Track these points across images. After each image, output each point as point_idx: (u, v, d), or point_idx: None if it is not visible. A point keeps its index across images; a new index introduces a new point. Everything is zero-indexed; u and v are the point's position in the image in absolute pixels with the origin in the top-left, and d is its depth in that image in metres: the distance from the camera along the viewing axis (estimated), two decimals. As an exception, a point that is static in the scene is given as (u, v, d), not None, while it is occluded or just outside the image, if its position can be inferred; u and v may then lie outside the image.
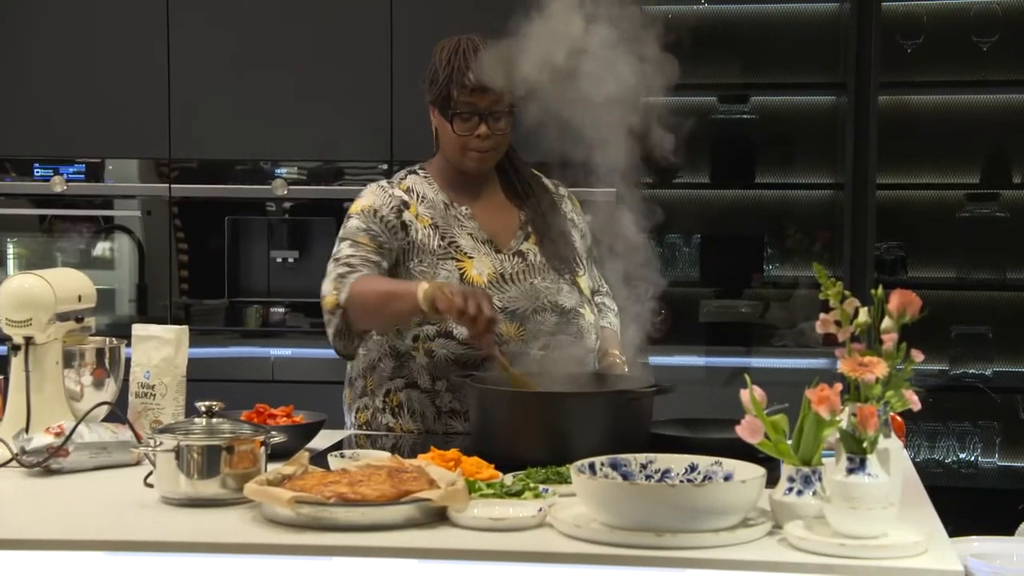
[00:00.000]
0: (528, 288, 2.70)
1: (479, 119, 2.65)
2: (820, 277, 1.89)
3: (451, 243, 2.70)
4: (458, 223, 2.73)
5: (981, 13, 4.64)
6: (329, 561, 1.84)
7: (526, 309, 2.67)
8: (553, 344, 2.65)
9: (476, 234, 2.73)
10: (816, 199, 4.86)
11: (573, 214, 2.89)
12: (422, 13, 4.46)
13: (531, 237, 2.77)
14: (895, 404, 1.85)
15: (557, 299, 2.71)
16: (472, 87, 2.62)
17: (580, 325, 2.72)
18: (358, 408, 2.78)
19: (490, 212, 2.77)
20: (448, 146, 2.72)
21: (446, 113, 2.67)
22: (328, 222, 4.60)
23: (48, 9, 4.62)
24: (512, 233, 2.77)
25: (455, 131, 2.67)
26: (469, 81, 2.62)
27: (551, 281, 2.73)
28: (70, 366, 2.48)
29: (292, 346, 4.62)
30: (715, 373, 4.73)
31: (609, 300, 2.91)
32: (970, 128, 4.76)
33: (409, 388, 2.70)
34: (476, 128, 2.66)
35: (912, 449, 4.58)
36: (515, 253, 2.74)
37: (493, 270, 2.69)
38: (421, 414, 2.69)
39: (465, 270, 2.67)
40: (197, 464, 2.04)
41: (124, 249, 4.72)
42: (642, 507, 1.78)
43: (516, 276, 2.71)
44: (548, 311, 2.69)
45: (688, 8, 4.79)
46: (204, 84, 4.56)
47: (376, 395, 2.74)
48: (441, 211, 2.73)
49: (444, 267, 2.67)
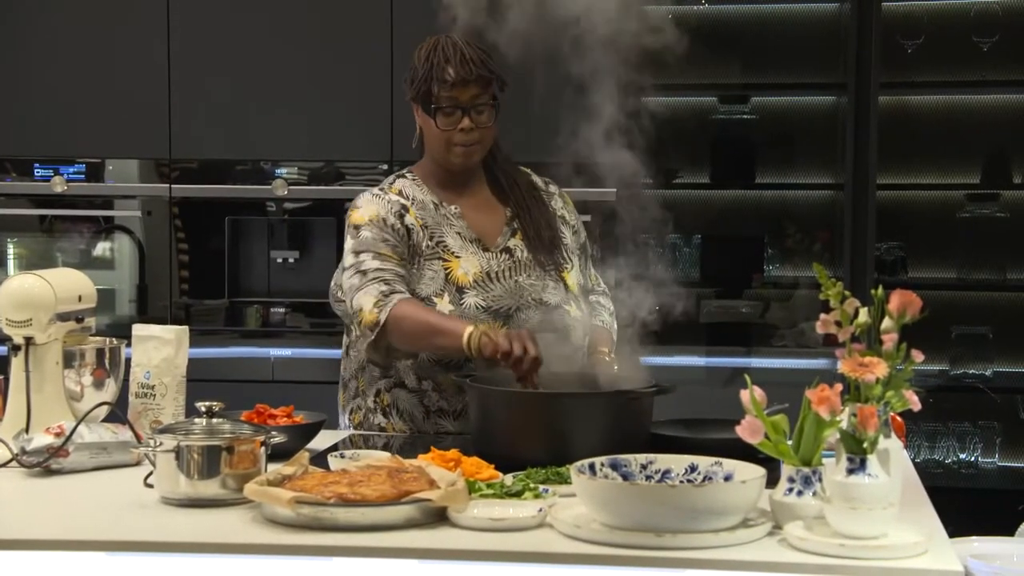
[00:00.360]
0: (512, 286, 2.70)
1: (461, 113, 2.66)
2: (820, 277, 1.89)
3: (439, 243, 2.70)
4: (447, 222, 2.73)
5: (981, 13, 4.64)
6: (329, 561, 1.84)
7: (510, 307, 2.68)
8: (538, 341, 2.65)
9: (464, 233, 2.73)
10: (816, 199, 4.86)
11: (564, 211, 2.88)
12: (422, 13, 4.45)
13: (517, 233, 2.78)
14: (895, 404, 1.85)
15: (541, 296, 2.72)
16: (452, 81, 2.64)
17: (565, 321, 2.72)
18: (352, 409, 2.79)
19: (478, 210, 2.78)
20: (433, 144, 2.73)
21: (428, 109, 2.68)
22: (328, 222, 4.60)
23: (48, 9, 4.62)
24: (499, 230, 2.77)
25: (438, 126, 2.68)
26: (449, 76, 2.64)
27: (536, 278, 2.74)
28: (70, 366, 2.48)
29: (292, 346, 4.62)
30: (715, 373, 4.73)
31: (605, 299, 2.91)
32: (970, 128, 4.76)
33: (397, 388, 2.71)
34: (459, 122, 2.67)
35: (912, 449, 4.58)
36: (502, 250, 2.75)
37: (479, 269, 2.70)
38: (410, 414, 2.70)
39: (451, 270, 2.68)
40: (197, 464, 2.04)
41: (124, 249, 4.72)
42: (642, 507, 1.78)
43: (502, 274, 2.71)
44: (532, 308, 2.69)
45: (688, 8, 4.78)
46: (204, 84, 4.56)
47: (367, 396, 2.76)
48: (431, 211, 2.74)
49: (431, 267, 2.68)
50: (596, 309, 2.87)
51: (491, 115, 2.68)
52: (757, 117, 4.82)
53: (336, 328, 4.59)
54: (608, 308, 2.88)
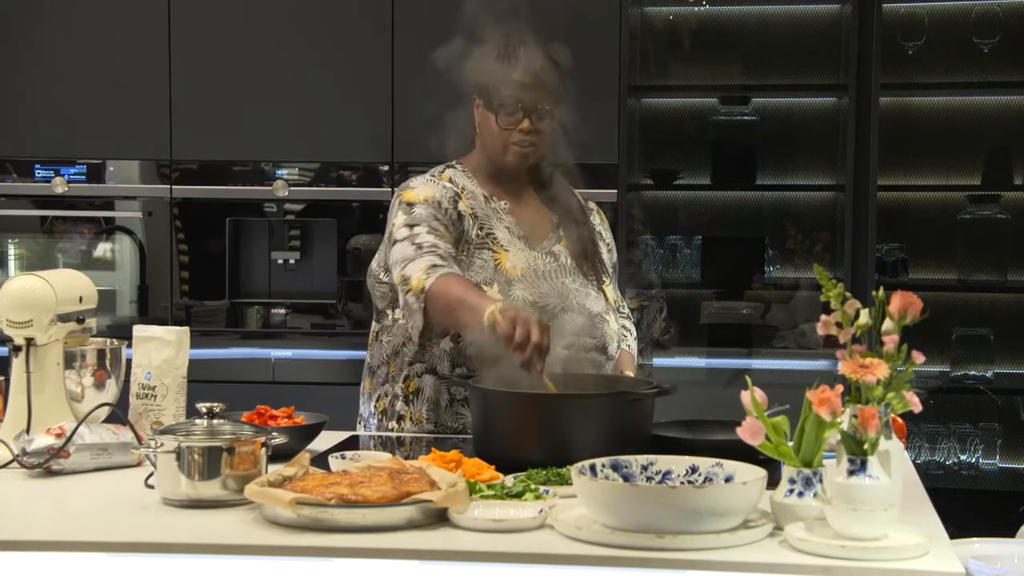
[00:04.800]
0: (559, 286, 2.72)
1: (523, 114, 2.68)
2: (821, 279, 1.89)
3: (488, 234, 2.72)
4: (496, 216, 2.75)
5: (982, 15, 4.64)
6: (330, 562, 1.84)
7: (555, 307, 2.68)
8: (577, 346, 2.66)
9: (513, 228, 2.75)
10: (817, 200, 4.86)
11: (601, 228, 2.93)
12: (423, 14, 4.46)
13: (562, 240, 2.80)
14: (896, 406, 1.85)
15: (585, 302, 2.73)
16: (519, 82, 2.66)
17: (604, 331, 2.74)
18: (379, 396, 2.78)
19: (526, 210, 2.80)
20: (490, 140, 2.74)
21: (492, 106, 2.70)
22: (329, 223, 4.60)
23: (49, 10, 4.62)
24: (545, 233, 2.80)
25: (499, 123, 2.70)
26: (517, 76, 2.66)
27: (580, 284, 2.76)
28: (71, 367, 2.48)
29: (293, 347, 4.62)
30: (716, 374, 4.73)
31: (629, 324, 2.92)
32: (971, 130, 4.77)
33: (428, 374, 2.71)
34: (519, 122, 2.69)
35: (913, 451, 4.58)
36: (547, 252, 2.77)
37: (527, 265, 2.71)
38: (435, 401, 2.70)
39: (500, 262, 2.69)
40: (198, 465, 2.04)
41: (125, 250, 4.72)
42: (643, 509, 1.78)
43: (548, 274, 2.73)
44: (576, 312, 2.70)
45: (689, 9, 4.79)
46: (205, 85, 4.57)
47: (396, 381, 2.75)
48: (481, 203, 2.76)
49: (480, 256, 2.69)
50: (623, 333, 2.88)
51: (551, 121, 2.71)
52: (758, 118, 4.82)
53: (336, 329, 4.62)
54: (632, 333, 2.90)
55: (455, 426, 2.68)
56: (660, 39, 4.80)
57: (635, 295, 4.52)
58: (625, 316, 2.94)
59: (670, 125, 4.87)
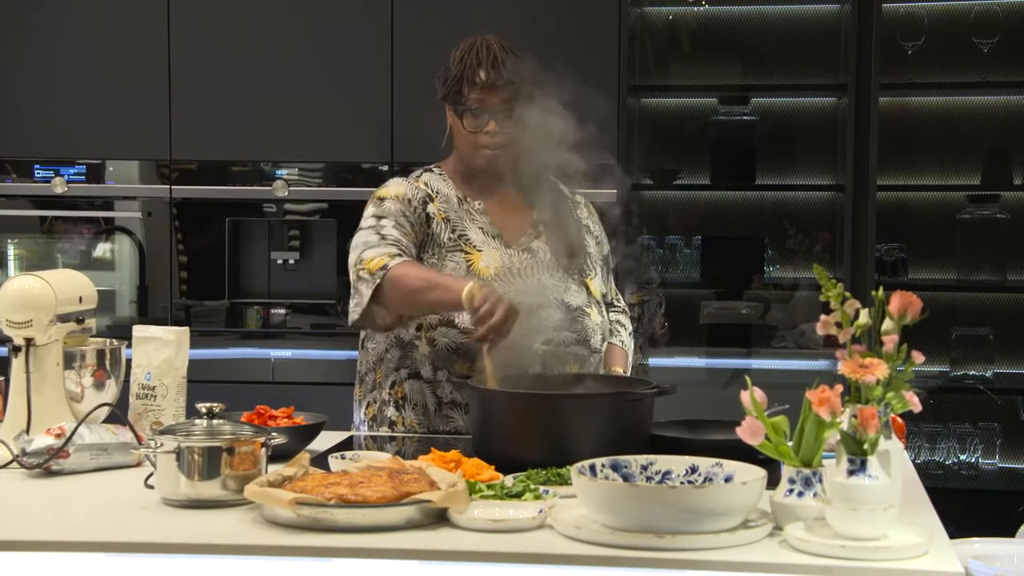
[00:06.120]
0: (535, 283, 2.71)
1: (488, 116, 2.68)
2: (820, 278, 1.89)
3: (461, 236, 2.72)
4: (470, 217, 2.76)
5: (982, 15, 4.64)
6: (329, 563, 1.84)
7: (532, 304, 2.68)
8: (556, 341, 2.66)
9: (487, 228, 2.75)
10: (817, 200, 4.86)
11: (589, 221, 2.91)
12: (423, 14, 4.46)
13: (542, 236, 2.79)
14: (896, 405, 1.85)
15: (564, 297, 2.73)
16: (482, 84, 2.66)
17: (585, 324, 2.73)
18: (368, 403, 2.79)
19: (502, 208, 2.80)
20: (460, 143, 2.76)
21: (457, 110, 2.70)
22: (329, 223, 4.60)
23: (49, 10, 4.62)
24: (522, 230, 2.79)
25: (465, 127, 2.70)
26: (480, 78, 2.66)
27: (559, 279, 2.75)
28: (71, 367, 2.48)
29: (292, 347, 4.62)
30: (716, 374, 4.73)
31: (624, 318, 2.92)
32: (971, 129, 4.77)
33: (412, 379, 2.71)
34: (486, 124, 2.69)
35: (912, 450, 4.58)
36: (524, 250, 2.76)
37: (501, 264, 2.71)
38: (423, 406, 2.70)
39: (473, 262, 2.69)
40: (198, 465, 2.04)
41: (125, 250, 4.72)
42: (643, 509, 1.78)
43: (524, 271, 2.73)
44: (554, 307, 2.70)
45: (689, 9, 4.79)
46: (205, 85, 4.57)
47: (383, 388, 2.76)
48: (455, 205, 2.76)
49: (452, 259, 2.69)
50: (615, 329, 2.87)
51: (519, 121, 2.68)
52: (757, 118, 4.82)
53: (336, 329, 4.62)
54: (627, 328, 2.89)
55: (446, 429, 2.69)
56: (660, 39, 4.80)
57: (633, 291, 4.52)
58: (620, 310, 2.93)
59: (669, 125, 4.88)
